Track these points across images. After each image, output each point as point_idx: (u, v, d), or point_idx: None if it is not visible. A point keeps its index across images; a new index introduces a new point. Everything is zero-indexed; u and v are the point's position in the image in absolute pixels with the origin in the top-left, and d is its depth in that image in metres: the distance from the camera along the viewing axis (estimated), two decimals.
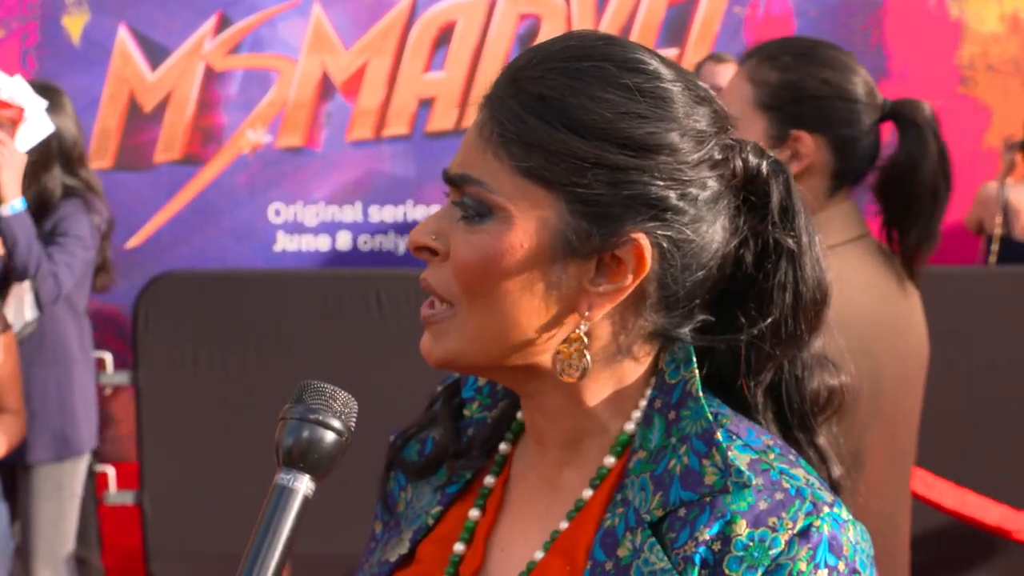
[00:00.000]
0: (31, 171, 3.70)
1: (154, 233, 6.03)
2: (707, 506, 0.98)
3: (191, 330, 4.35)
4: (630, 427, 1.06)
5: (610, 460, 1.06)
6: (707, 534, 0.97)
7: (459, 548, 1.11)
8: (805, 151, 2.04)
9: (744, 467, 0.99)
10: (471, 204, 1.02)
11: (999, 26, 6.35)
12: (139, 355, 4.32)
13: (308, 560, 3.37)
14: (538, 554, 1.06)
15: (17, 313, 3.70)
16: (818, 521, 0.97)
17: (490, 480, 1.13)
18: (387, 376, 4.18)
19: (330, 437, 0.97)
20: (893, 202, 2.06)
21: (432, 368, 1.08)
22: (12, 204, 3.57)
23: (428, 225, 1.05)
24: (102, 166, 5.93)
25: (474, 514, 1.12)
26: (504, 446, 1.14)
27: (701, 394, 1.03)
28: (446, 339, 1.04)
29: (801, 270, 1.05)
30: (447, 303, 1.04)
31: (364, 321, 4.32)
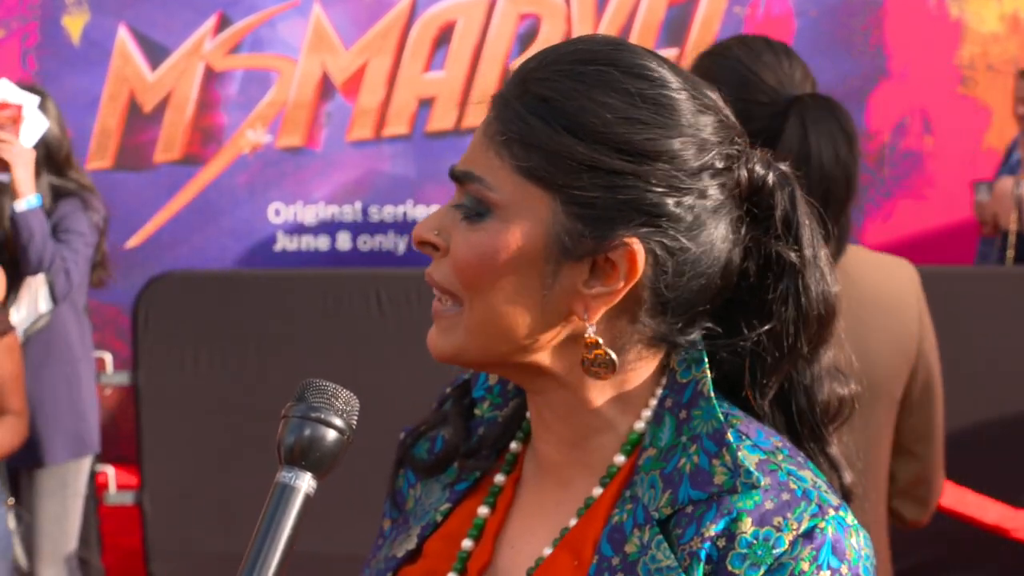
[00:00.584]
0: None
1: (154, 233, 6.03)
2: (714, 503, 0.99)
3: (191, 330, 4.35)
4: (640, 425, 1.06)
5: (620, 458, 1.06)
6: (712, 531, 0.98)
7: (467, 544, 1.11)
8: None
9: (753, 467, 0.99)
10: (471, 201, 1.04)
11: (999, 26, 6.35)
12: (139, 355, 4.32)
13: (308, 559, 3.37)
14: (547, 550, 1.07)
15: (31, 306, 3.72)
16: (823, 523, 0.97)
17: (500, 479, 1.14)
18: (387, 376, 4.18)
19: (332, 435, 0.97)
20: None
21: (433, 367, 1.08)
22: (28, 199, 3.61)
23: (431, 221, 1.06)
24: (102, 166, 5.93)
25: (483, 512, 1.12)
26: (515, 445, 1.15)
27: (712, 394, 1.03)
28: (450, 334, 1.06)
29: (804, 284, 1.06)
30: (453, 299, 1.06)
31: (364, 321, 4.32)
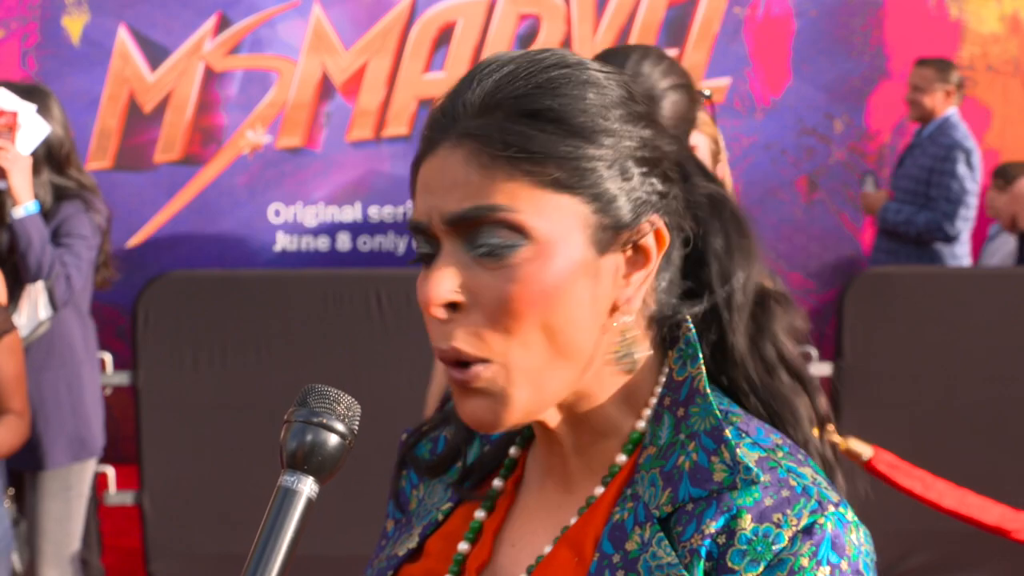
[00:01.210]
0: None
1: (154, 233, 6.03)
2: (714, 501, 0.99)
3: (191, 330, 4.35)
4: (641, 425, 1.07)
5: (622, 458, 1.07)
6: (712, 527, 0.98)
7: (463, 548, 1.11)
8: None
9: (752, 464, 1.00)
10: (491, 237, 0.99)
11: (999, 26, 6.35)
12: (139, 355, 4.32)
13: (308, 562, 3.38)
14: (547, 548, 1.07)
15: (31, 314, 3.72)
16: (822, 519, 0.98)
17: (498, 483, 1.14)
18: (387, 376, 4.18)
19: (334, 440, 0.97)
20: None
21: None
22: (25, 206, 3.60)
23: (441, 282, 0.99)
24: (102, 166, 5.94)
25: (480, 515, 1.13)
26: (514, 450, 1.15)
27: (708, 391, 1.04)
28: (511, 392, 1.00)
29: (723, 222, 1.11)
30: (485, 361, 1.00)
31: (364, 321, 4.32)
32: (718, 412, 1.03)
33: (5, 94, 3.66)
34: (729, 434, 1.01)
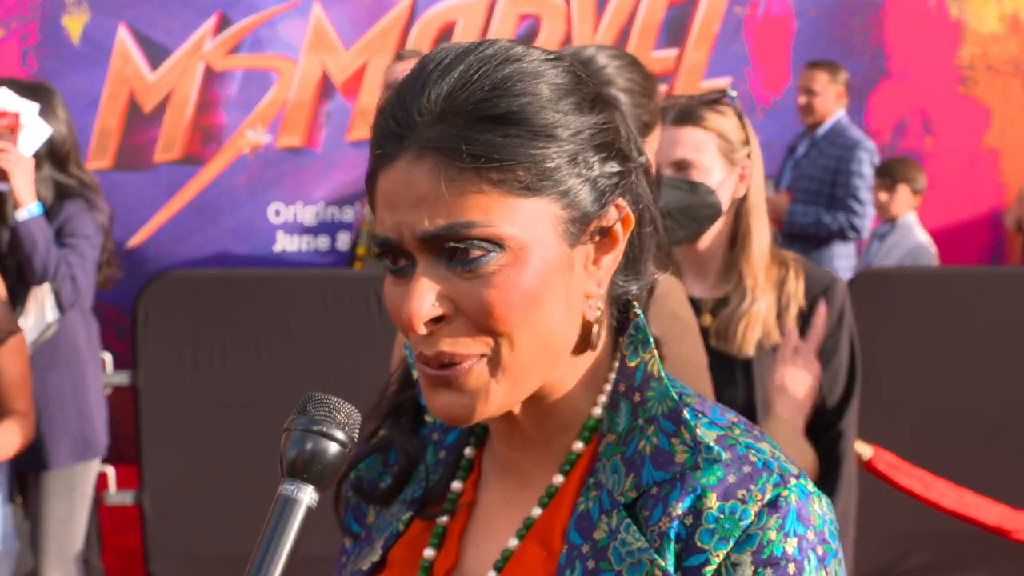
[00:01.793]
0: None
1: (154, 233, 6.03)
2: (678, 482, 1.00)
3: (191, 330, 4.35)
4: (597, 411, 1.08)
5: (579, 445, 1.07)
6: (679, 509, 0.99)
7: (429, 554, 1.12)
8: None
9: (712, 443, 1.01)
10: (468, 251, 0.98)
11: (999, 26, 6.35)
12: (139, 355, 4.32)
13: (308, 562, 3.38)
14: (512, 542, 1.07)
15: (38, 316, 3.71)
16: (786, 492, 0.99)
17: (457, 486, 1.14)
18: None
19: (333, 448, 0.97)
20: None
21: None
22: (29, 208, 3.59)
23: (422, 299, 0.98)
24: (102, 166, 5.93)
25: (442, 520, 1.13)
26: (469, 450, 1.15)
27: (663, 374, 1.05)
28: (492, 387, 1.01)
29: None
30: (474, 356, 1.00)
31: (364, 321, 4.32)
32: (674, 395, 1.04)
33: (7, 94, 3.63)
34: (687, 415, 1.02)
